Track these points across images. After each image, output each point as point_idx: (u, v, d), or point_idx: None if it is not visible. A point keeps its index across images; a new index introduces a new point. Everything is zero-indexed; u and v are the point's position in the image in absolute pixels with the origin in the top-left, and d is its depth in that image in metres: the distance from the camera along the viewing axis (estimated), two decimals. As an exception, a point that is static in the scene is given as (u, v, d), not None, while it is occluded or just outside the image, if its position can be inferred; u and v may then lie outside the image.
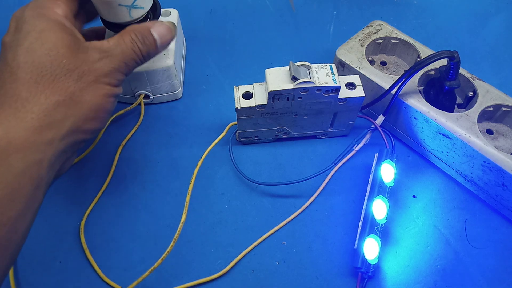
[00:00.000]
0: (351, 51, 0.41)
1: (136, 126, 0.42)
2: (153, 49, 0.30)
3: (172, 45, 0.41)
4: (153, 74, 0.40)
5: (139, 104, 0.43)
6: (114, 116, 0.42)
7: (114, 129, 0.42)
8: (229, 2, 0.56)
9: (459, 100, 0.40)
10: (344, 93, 0.35)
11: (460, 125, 0.35)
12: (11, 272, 0.33)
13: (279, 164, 0.40)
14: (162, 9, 0.44)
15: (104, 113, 0.28)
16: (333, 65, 0.34)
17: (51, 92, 0.24)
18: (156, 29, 0.29)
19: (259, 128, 0.39)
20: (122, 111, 0.42)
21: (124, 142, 0.41)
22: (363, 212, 0.35)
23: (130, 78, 0.41)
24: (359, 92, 0.35)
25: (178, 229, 0.33)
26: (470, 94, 0.39)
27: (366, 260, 0.32)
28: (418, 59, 0.41)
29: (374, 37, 0.42)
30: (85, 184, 0.39)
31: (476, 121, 0.35)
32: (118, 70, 0.28)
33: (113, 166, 0.39)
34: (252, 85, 0.36)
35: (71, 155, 0.28)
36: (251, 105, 0.35)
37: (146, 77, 0.40)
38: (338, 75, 0.34)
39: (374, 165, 0.38)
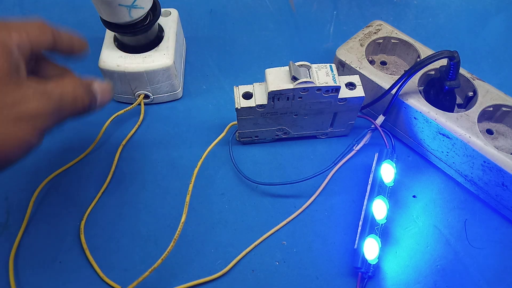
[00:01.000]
0: (351, 51, 0.41)
1: (136, 126, 0.42)
2: (93, 104, 0.27)
3: (172, 45, 0.41)
4: (153, 74, 0.40)
5: (139, 104, 0.43)
6: (114, 116, 0.42)
7: (114, 129, 0.42)
8: (229, 2, 0.56)
9: (459, 100, 0.40)
10: (344, 93, 0.35)
11: (460, 125, 0.35)
12: (11, 272, 0.33)
13: (279, 164, 0.40)
14: (162, 9, 0.44)
15: (5, 162, 0.23)
16: (333, 65, 0.34)
17: None
18: (97, 85, 0.28)
19: (259, 128, 0.39)
20: (122, 111, 0.42)
21: (124, 142, 0.41)
22: (363, 212, 0.35)
23: (130, 78, 0.41)
24: (359, 92, 0.35)
25: (178, 229, 0.33)
26: (470, 94, 0.39)
27: (366, 260, 0.32)
28: (418, 59, 0.41)
29: (374, 37, 0.42)
30: (85, 184, 0.39)
31: (476, 121, 0.35)
32: (50, 114, 0.24)
33: (113, 166, 0.39)
34: (252, 85, 0.36)
35: None
36: (251, 105, 0.35)
37: (146, 77, 0.40)
38: (338, 75, 0.34)
39: (374, 165, 0.38)
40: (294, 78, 0.32)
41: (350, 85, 0.36)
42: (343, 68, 0.41)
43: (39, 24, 0.26)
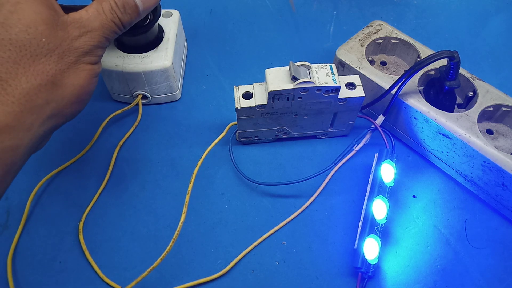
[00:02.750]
0: (351, 51, 0.41)
1: (134, 126, 0.42)
2: (135, 17, 0.28)
3: (172, 47, 0.41)
4: (150, 75, 0.40)
5: (137, 104, 0.43)
6: (112, 116, 0.42)
7: (112, 129, 0.42)
8: (229, 2, 0.56)
9: (459, 100, 0.40)
10: (344, 93, 0.35)
11: (460, 125, 0.35)
12: (9, 272, 0.33)
13: (279, 164, 0.40)
14: (163, 10, 0.44)
15: (87, 95, 0.26)
16: (333, 65, 0.34)
17: (32, 74, 0.23)
18: None
19: (259, 128, 0.39)
20: (119, 111, 0.42)
21: (121, 142, 0.41)
22: (363, 212, 0.35)
23: (128, 78, 0.41)
24: (359, 92, 0.35)
25: (178, 229, 0.33)
26: (470, 94, 0.39)
27: (366, 260, 0.32)
28: (418, 59, 0.41)
29: (374, 37, 0.42)
30: (85, 183, 0.39)
31: (476, 121, 0.35)
32: (98, 46, 0.26)
33: (111, 166, 0.39)
34: (252, 85, 0.36)
35: (47, 137, 0.27)
36: (251, 105, 0.35)
37: (144, 77, 0.40)
38: (338, 75, 0.34)
39: (374, 165, 0.38)
40: (294, 78, 0.32)
41: (350, 85, 0.36)
42: (343, 68, 0.41)
43: None
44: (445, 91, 0.37)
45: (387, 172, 0.35)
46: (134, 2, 0.27)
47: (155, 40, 0.41)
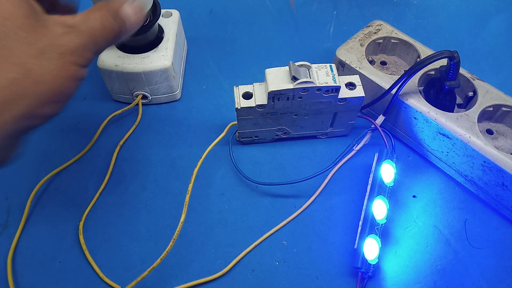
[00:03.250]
0: (351, 51, 0.41)
1: (134, 126, 0.42)
2: (123, 30, 0.27)
3: (172, 47, 0.41)
4: (150, 75, 0.40)
5: (137, 104, 0.43)
6: (112, 116, 0.42)
7: (112, 129, 0.42)
8: (229, 2, 0.56)
9: (459, 100, 0.40)
10: (344, 93, 0.35)
11: (460, 125, 0.35)
12: (9, 273, 0.33)
13: (279, 164, 0.40)
14: (163, 10, 0.44)
15: (65, 97, 0.24)
16: (333, 65, 0.34)
17: (6, 67, 0.21)
18: (127, 8, 0.27)
19: (259, 128, 0.39)
20: (119, 111, 0.42)
21: (121, 143, 0.41)
22: (363, 212, 0.35)
23: (128, 78, 0.41)
24: (359, 92, 0.35)
25: (178, 229, 0.33)
26: (470, 94, 0.39)
27: (366, 260, 0.32)
28: (418, 59, 0.41)
29: (374, 37, 0.42)
30: (85, 183, 0.39)
31: (476, 121, 0.35)
32: (86, 47, 0.24)
33: (111, 166, 0.39)
34: (252, 85, 0.36)
35: (17, 143, 0.24)
36: (251, 105, 0.35)
37: (143, 77, 0.40)
38: (338, 75, 0.34)
39: (374, 165, 0.38)
40: (294, 78, 0.32)
41: (350, 85, 0.36)
42: (343, 68, 0.41)
43: None
44: (445, 91, 0.37)
45: (387, 172, 0.35)
46: (125, 13, 0.26)
47: (155, 40, 0.41)
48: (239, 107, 0.35)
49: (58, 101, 0.24)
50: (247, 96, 0.35)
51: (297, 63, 0.33)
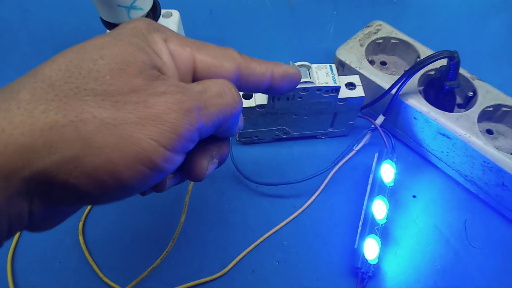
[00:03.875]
0: (351, 51, 0.41)
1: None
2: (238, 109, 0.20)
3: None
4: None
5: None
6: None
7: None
8: (229, 2, 0.56)
9: (459, 100, 0.40)
10: (344, 93, 0.35)
11: (460, 125, 0.35)
12: (9, 273, 0.33)
13: (279, 164, 0.40)
14: (163, 10, 0.44)
15: (117, 185, 0.16)
16: (333, 65, 0.34)
17: (56, 107, 0.15)
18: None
19: (259, 128, 0.39)
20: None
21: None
22: (363, 212, 0.35)
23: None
24: (359, 92, 0.35)
25: (178, 229, 0.33)
26: (470, 94, 0.39)
27: (366, 260, 0.32)
28: (418, 59, 0.41)
29: (374, 37, 0.42)
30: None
31: (476, 121, 0.35)
32: (186, 123, 0.17)
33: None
34: (252, 85, 0.36)
35: (45, 210, 0.17)
36: (251, 105, 0.35)
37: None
38: (338, 75, 0.34)
39: (374, 165, 0.38)
40: (294, 78, 0.32)
41: (350, 85, 0.36)
42: (343, 68, 0.41)
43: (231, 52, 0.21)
44: (445, 91, 0.37)
45: (387, 172, 0.35)
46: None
47: (155, 40, 0.41)
48: (239, 107, 0.35)
49: (102, 185, 0.16)
50: (247, 96, 0.35)
51: (297, 63, 0.33)
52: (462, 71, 0.39)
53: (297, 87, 0.33)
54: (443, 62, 0.37)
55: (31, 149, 0.14)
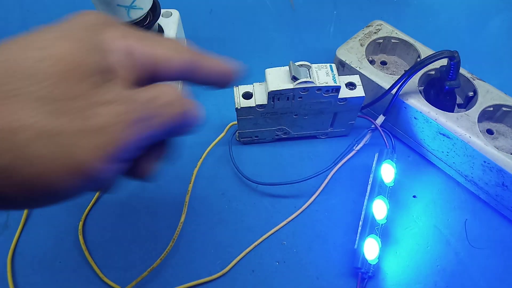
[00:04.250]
0: (351, 51, 0.41)
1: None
2: (193, 119, 0.19)
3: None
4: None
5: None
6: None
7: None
8: (229, 2, 0.56)
9: (459, 100, 0.40)
10: (344, 93, 0.35)
11: (460, 125, 0.35)
12: (9, 273, 0.33)
13: (279, 164, 0.40)
14: (163, 10, 0.44)
15: (52, 192, 0.16)
16: (333, 65, 0.34)
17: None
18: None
19: (259, 128, 0.39)
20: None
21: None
22: (363, 212, 0.35)
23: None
24: (359, 92, 0.35)
25: (178, 229, 0.33)
26: (470, 94, 0.39)
27: (366, 260, 0.32)
28: (418, 59, 0.41)
29: (374, 37, 0.42)
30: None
31: (476, 121, 0.35)
32: (131, 131, 0.16)
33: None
34: (252, 85, 0.36)
35: None
36: (251, 105, 0.35)
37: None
38: (338, 75, 0.34)
39: (374, 165, 0.38)
40: (294, 78, 0.32)
41: (350, 85, 0.36)
42: (343, 68, 0.41)
43: (174, 41, 0.19)
44: (445, 91, 0.37)
45: (387, 172, 0.35)
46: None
47: (155, 40, 0.41)
48: (239, 107, 0.35)
49: (38, 192, 0.15)
50: (247, 96, 0.35)
51: (297, 63, 0.33)
52: (462, 71, 0.38)
53: (297, 86, 0.33)
54: (444, 62, 0.37)
55: None
